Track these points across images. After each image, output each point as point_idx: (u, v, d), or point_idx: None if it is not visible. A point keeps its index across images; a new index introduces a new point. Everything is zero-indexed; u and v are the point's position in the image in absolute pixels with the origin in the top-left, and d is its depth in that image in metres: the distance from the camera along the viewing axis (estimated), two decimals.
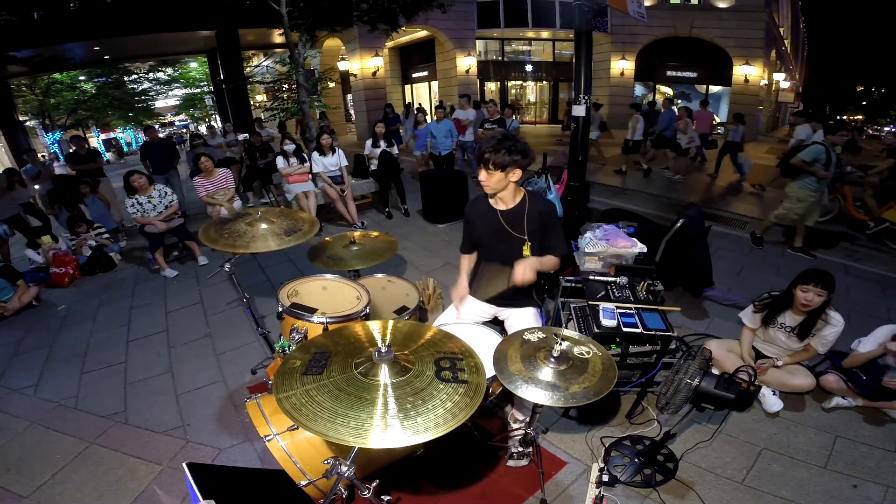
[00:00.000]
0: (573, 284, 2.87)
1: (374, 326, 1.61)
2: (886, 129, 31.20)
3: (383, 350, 1.37)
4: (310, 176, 5.75)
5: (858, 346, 2.58)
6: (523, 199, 2.09)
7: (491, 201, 2.13)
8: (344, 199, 5.71)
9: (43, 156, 13.69)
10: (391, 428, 1.16)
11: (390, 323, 1.64)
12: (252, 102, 17.57)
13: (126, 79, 19.65)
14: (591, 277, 2.71)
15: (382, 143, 6.00)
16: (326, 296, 2.44)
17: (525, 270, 1.98)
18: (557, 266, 2.17)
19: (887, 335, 2.48)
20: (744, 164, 7.88)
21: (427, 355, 1.44)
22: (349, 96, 17.10)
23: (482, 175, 2.00)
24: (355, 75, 14.25)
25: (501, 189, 2.02)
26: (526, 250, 2.08)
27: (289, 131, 8.71)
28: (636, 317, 2.36)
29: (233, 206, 5.10)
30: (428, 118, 9.41)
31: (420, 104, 16.45)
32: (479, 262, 2.30)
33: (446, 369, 1.37)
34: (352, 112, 17.51)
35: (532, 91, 18.24)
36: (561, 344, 1.57)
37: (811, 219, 4.69)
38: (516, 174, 1.98)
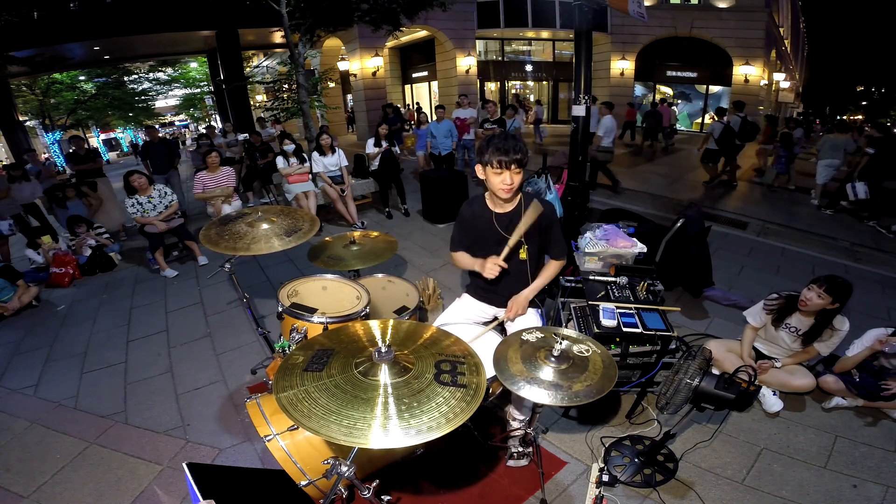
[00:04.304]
0: (573, 284, 2.87)
1: (375, 326, 1.61)
2: None
3: (383, 350, 1.36)
4: (310, 176, 5.75)
5: (847, 351, 2.58)
6: (520, 202, 2.05)
7: (489, 203, 2.08)
8: (344, 199, 5.72)
9: (46, 158, 13.72)
10: (387, 428, 1.15)
11: (391, 322, 1.64)
12: (252, 102, 17.58)
13: (126, 79, 19.64)
14: (591, 277, 2.71)
15: (384, 143, 6.01)
16: (326, 296, 2.44)
17: (517, 309, 2.09)
18: (559, 270, 2.16)
19: (874, 339, 2.48)
20: (543, 132, 12.16)
21: (428, 356, 1.44)
22: (349, 96, 17.08)
23: (506, 178, 1.87)
24: (355, 75, 14.23)
25: (517, 187, 1.94)
26: (522, 254, 2.06)
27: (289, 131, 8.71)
28: (636, 317, 2.36)
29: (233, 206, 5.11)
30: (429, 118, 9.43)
31: (418, 103, 16.47)
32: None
33: (446, 372, 1.36)
34: (352, 111, 17.51)
35: (532, 91, 18.24)
36: (561, 343, 1.57)
37: None
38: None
